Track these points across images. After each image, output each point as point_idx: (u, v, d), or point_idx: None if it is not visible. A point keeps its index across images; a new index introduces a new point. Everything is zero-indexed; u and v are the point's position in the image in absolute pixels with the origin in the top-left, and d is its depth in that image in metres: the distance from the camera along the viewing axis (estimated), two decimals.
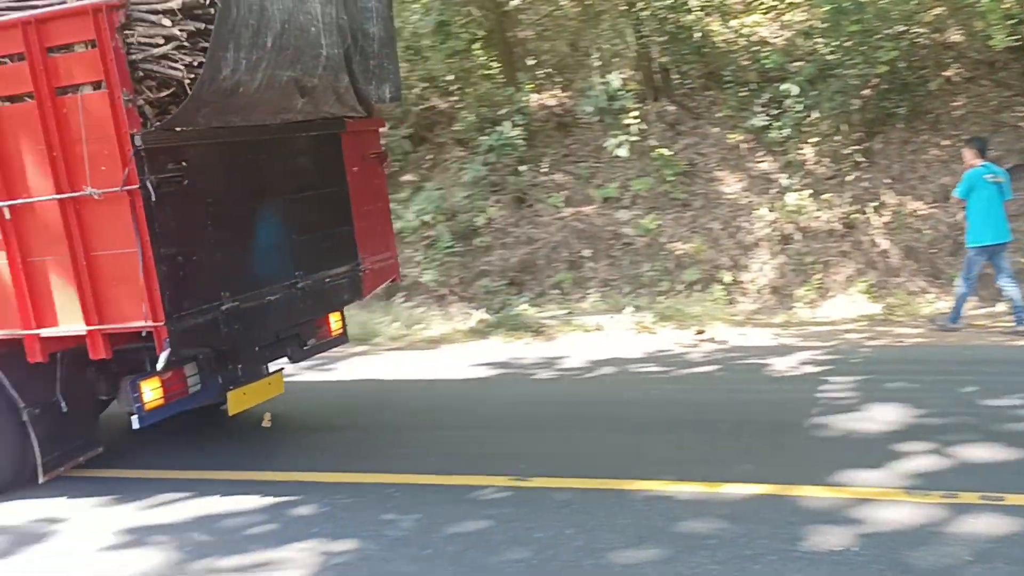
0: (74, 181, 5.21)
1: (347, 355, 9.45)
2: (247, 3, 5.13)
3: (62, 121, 5.19)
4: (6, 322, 5.57)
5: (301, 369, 8.95)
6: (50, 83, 5.17)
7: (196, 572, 4.45)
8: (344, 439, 6.62)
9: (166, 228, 5.19)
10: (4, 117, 5.34)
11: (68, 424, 5.98)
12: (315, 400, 7.87)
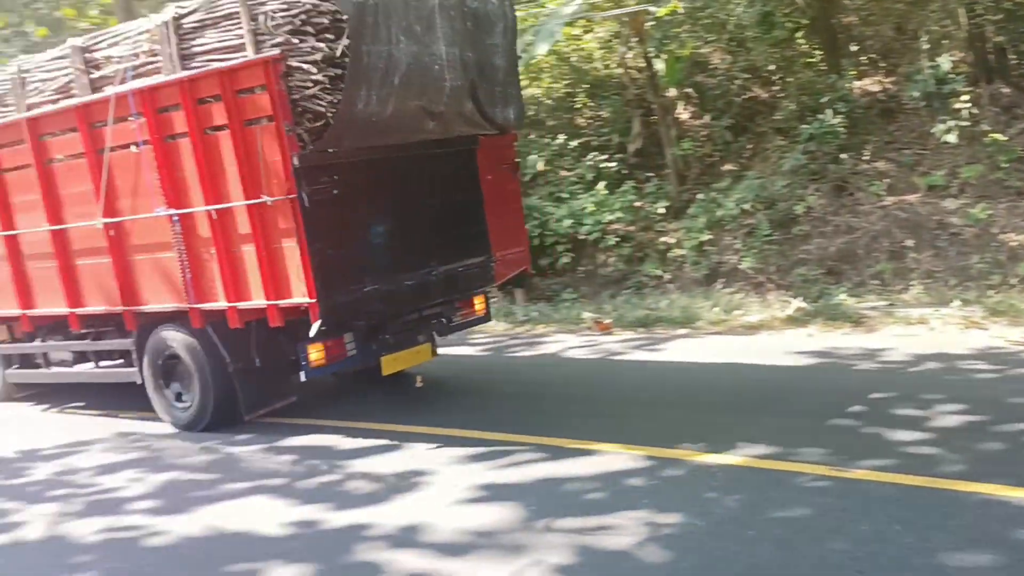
0: (256, 191, 6.80)
1: (671, 337, 9.82)
2: (376, 52, 6.65)
3: (248, 145, 6.82)
4: (214, 297, 7.30)
5: (631, 348, 9.44)
6: (239, 117, 6.82)
7: (539, 529, 4.90)
8: (664, 415, 6.89)
9: (317, 228, 6.71)
10: (210, 142, 7.04)
11: (263, 377, 7.76)
12: (646, 378, 8.24)
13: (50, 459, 7.45)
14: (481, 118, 7.97)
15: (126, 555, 5.22)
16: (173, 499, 6.10)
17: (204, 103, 7.02)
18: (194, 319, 7.50)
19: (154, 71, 7.25)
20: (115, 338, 8.47)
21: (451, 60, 7.35)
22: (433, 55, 7.18)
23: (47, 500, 6.34)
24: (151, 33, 7.21)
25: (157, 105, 7.25)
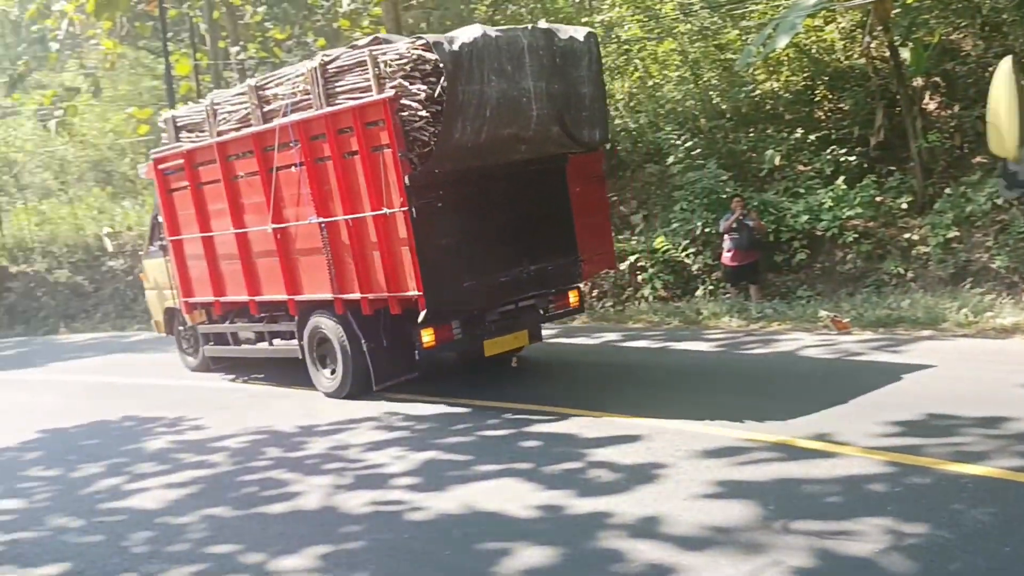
0: (379, 204, 8.45)
1: (914, 338, 9.47)
2: (469, 91, 8.09)
3: (374, 168, 8.47)
4: (352, 289, 9.01)
5: (871, 349, 9.18)
6: (367, 144, 8.48)
7: (776, 530, 4.91)
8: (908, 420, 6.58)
9: (424, 234, 8.27)
10: (348, 165, 8.75)
11: (390, 355, 9.40)
12: (887, 380, 7.91)
13: (325, 435, 8.14)
14: (568, 139, 9.27)
15: (390, 527, 5.65)
16: (432, 477, 6.53)
17: (343, 133, 8.75)
18: (337, 307, 9.36)
19: (307, 106, 9.09)
20: (283, 322, 10.49)
21: (538, 93, 8.70)
22: (522, 89, 8.57)
23: (322, 473, 6.94)
24: (305, 76, 9.07)
25: (309, 134, 9.08)
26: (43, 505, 7.00)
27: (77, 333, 20.75)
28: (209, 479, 7.19)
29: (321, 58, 8.94)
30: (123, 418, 9.96)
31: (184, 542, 5.74)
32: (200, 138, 10.56)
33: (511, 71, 8.47)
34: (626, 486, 5.86)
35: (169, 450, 8.31)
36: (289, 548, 5.41)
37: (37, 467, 8.22)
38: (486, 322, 9.39)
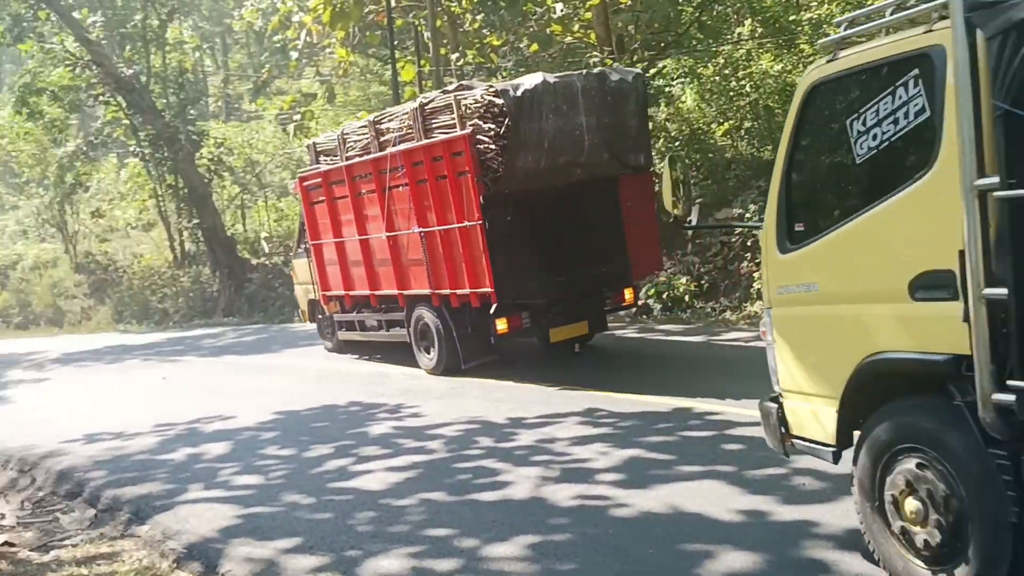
0: (462, 218, 10.48)
1: None
2: (529, 128, 10.04)
3: (458, 189, 10.49)
4: (444, 286, 11.09)
5: None
6: (454, 170, 10.50)
7: None
8: None
9: (495, 243, 10.17)
10: (440, 186, 10.80)
11: (474, 340, 11.33)
12: None
13: (533, 427, 8.34)
14: (618, 164, 11.02)
15: (595, 522, 5.74)
16: (636, 475, 6.58)
17: (436, 160, 10.82)
18: (434, 300, 11.47)
19: (410, 138, 11.24)
20: (395, 312, 12.72)
21: (590, 126, 10.50)
22: (576, 124, 10.42)
23: (530, 464, 7.13)
24: (409, 114, 11.29)
25: (412, 160, 11.19)
26: (278, 482, 7.54)
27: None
28: (426, 464, 7.52)
29: (420, 100, 11.32)
30: (349, 403, 10.56)
31: (403, 524, 6.06)
32: (333, 162, 13.08)
33: (566, 109, 10.38)
34: (832, 496, 5.69)
35: (390, 435, 8.74)
36: (500, 536, 5.61)
37: (273, 446, 8.85)
38: (550, 314, 11.20)
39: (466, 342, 11.43)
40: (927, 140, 3.92)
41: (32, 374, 17.07)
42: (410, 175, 11.23)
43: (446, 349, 11.58)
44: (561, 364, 11.50)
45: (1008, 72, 3.49)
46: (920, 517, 4.07)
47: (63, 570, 6.13)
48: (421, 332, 12.06)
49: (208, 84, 40.45)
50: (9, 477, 9.20)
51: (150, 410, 11.46)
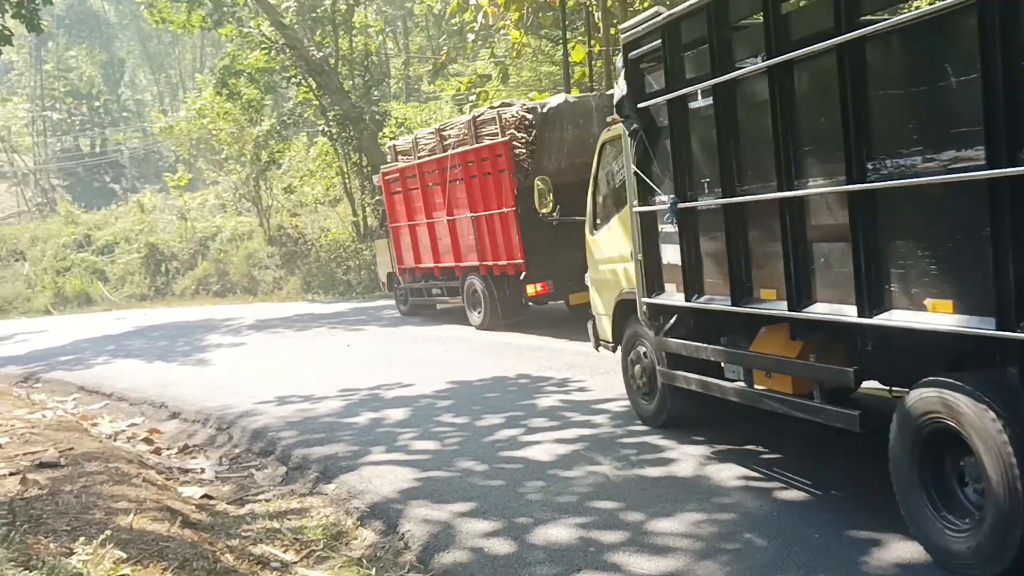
0: (501, 205, 13.90)
1: None
2: (551, 137, 13.22)
3: (498, 184, 13.85)
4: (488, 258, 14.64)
5: None
6: (496, 169, 13.85)
7: None
8: None
9: (526, 225, 13.28)
10: (487, 181, 14.23)
11: (512, 302, 14.69)
12: None
13: None
14: None
15: (760, 503, 5.71)
16: (801, 457, 6.49)
17: (483, 160, 14.19)
18: (482, 270, 14.98)
19: (465, 143, 14.65)
20: (452, 281, 16.20)
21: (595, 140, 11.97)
22: (591, 133, 12.10)
23: (694, 443, 7.10)
24: (465, 124, 14.69)
25: (466, 160, 14.63)
26: (453, 448, 7.82)
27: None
28: (592, 438, 7.62)
29: (474, 114, 14.76)
30: (518, 375, 10.79)
31: (571, 494, 6.19)
32: (408, 160, 16.80)
33: (583, 123, 13.26)
34: None
35: (558, 408, 8.88)
36: (665, 511, 5.65)
37: (448, 414, 9.17)
38: (569, 282, 13.30)
39: (505, 303, 14.79)
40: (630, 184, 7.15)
41: (229, 339, 18.15)
42: (464, 172, 14.76)
43: (490, 309, 15.01)
44: None
45: (637, 150, 6.84)
46: (640, 375, 7.77)
47: (257, 523, 6.58)
48: (471, 296, 15.54)
49: (390, 66, 41.66)
50: (208, 434, 9.88)
51: (336, 375, 12.03)
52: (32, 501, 6.20)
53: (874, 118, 4.53)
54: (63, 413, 11.44)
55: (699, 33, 5.88)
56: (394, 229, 17.75)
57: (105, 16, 74.42)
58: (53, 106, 68.12)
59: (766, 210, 5.41)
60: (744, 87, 5.56)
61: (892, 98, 4.50)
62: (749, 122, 5.58)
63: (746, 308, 5.74)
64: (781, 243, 5.22)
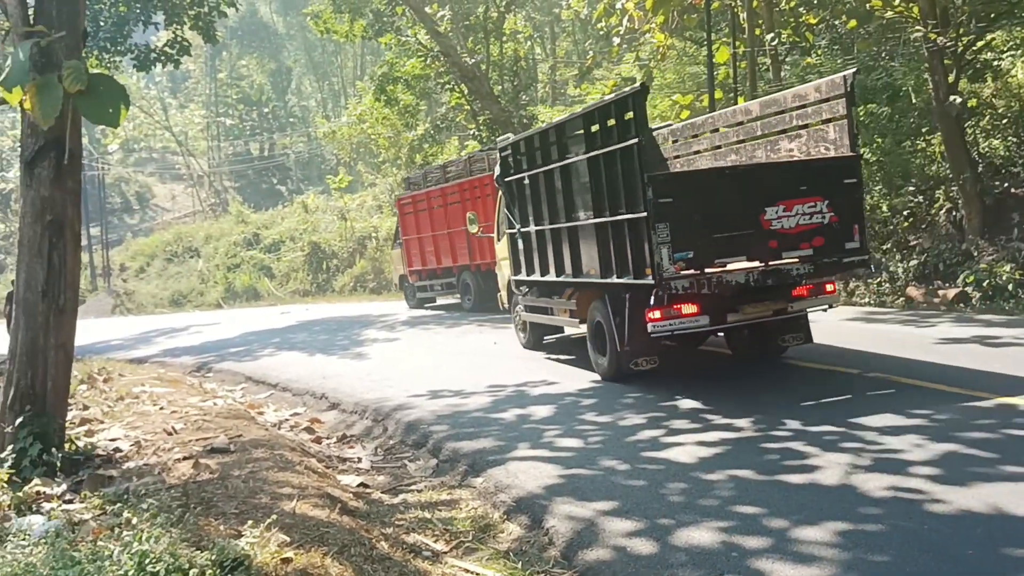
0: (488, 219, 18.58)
1: None
2: None
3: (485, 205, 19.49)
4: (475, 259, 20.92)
5: None
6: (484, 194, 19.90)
7: None
8: None
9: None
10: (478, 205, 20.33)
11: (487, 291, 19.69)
12: None
13: (842, 413, 7.99)
14: None
15: (909, 516, 5.45)
16: (954, 470, 6.17)
17: (475, 188, 20.13)
18: (472, 267, 20.76)
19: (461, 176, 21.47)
20: (450, 277, 21.98)
21: None
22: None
23: (839, 451, 6.87)
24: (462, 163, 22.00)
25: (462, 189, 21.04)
26: (595, 447, 7.82)
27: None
28: (734, 442, 7.48)
29: (469, 156, 21.65)
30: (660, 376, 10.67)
31: (713, 498, 6.10)
32: (418, 189, 24.15)
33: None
34: None
35: (700, 411, 8.75)
36: (809, 519, 5.49)
37: (591, 412, 9.17)
38: None
39: (486, 292, 19.90)
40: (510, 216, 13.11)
41: (384, 334, 18.69)
42: (460, 197, 21.13)
43: (475, 295, 21.13)
44: (871, 349, 10.91)
45: (504, 201, 13.59)
46: (519, 320, 14.31)
47: (409, 512, 6.76)
48: (464, 286, 21.94)
49: (538, 71, 41.94)
50: (365, 426, 10.21)
51: (484, 372, 12.23)
52: (204, 485, 6.57)
53: (575, 195, 10.93)
54: (232, 402, 12.06)
55: (522, 150, 12.57)
56: (406, 241, 24.29)
57: (274, 27, 77.75)
58: (226, 112, 71.75)
59: (554, 232, 11.63)
60: (539, 176, 11.88)
61: (577, 187, 10.86)
62: (543, 191, 11.80)
63: (549, 279, 12.02)
64: (560, 247, 11.51)
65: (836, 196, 9.39)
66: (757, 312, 9.75)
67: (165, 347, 21.31)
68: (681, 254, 9.00)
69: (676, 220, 8.99)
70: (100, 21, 23.74)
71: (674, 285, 9.08)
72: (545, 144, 11.65)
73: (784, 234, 9.31)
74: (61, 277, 7.28)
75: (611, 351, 10.47)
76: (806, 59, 22.26)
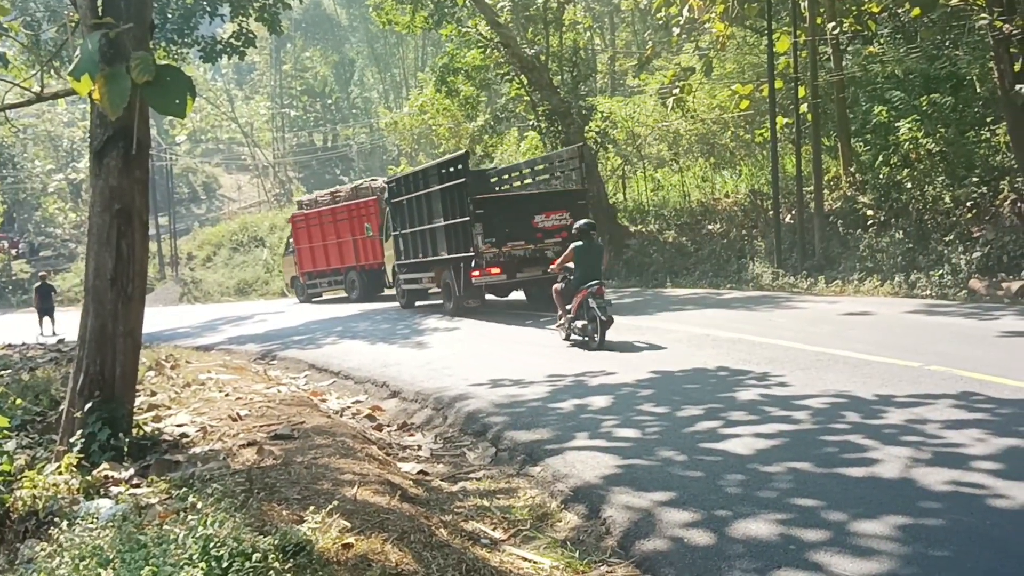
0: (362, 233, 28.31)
1: None
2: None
3: (368, 220, 27.80)
4: (363, 260, 28.63)
5: None
6: (368, 212, 28.12)
7: None
8: None
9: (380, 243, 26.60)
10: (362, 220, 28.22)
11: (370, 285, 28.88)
12: None
13: (902, 406, 7.88)
14: None
15: (971, 510, 5.35)
16: (1018, 466, 6.05)
17: (359, 208, 28.51)
18: (357, 268, 28.57)
19: (349, 199, 29.67)
20: (337, 276, 29.81)
21: None
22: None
23: (900, 444, 6.76)
24: (349, 190, 30.97)
25: (349, 208, 29.06)
26: (653, 437, 7.78)
27: (679, 288, 22.28)
28: (792, 434, 7.40)
29: (355, 184, 31.52)
30: (718, 368, 10.59)
31: (771, 490, 6.03)
32: (311, 208, 31.39)
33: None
34: None
35: (757, 402, 8.66)
36: (868, 513, 5.41)
37: (648, 403, 9.12)
38: None
39: (369, 286, 28.36)
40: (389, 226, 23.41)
41: (445, 323, 18.76)
42: (348, 215, 28.65)
43: (361, 290, 28.76)
44: (933, 342, 10.72)
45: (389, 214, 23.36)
46: (399, 289, 24.32)
47: (468, 501, 6.82)
48: (350, 283, 28.92)
49: (597, 61, 41.72)
50: (427, 415, 10.28)
51: (543, 361, 12.23)
52: (267, 470, 6.70)
53: (432, 209, 20.07)
54: (296, 389, 12.26)
55: (401, 183, 22.11)
56: (299, 249, 31.55)
57: (337, 19, 78.51)
58: (290, 104, 72.69)
59: (418, 235, 20.98)
60: (412, 199, 21.02)
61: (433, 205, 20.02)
62: (414, 207, 20.98)
63: (417, 259, 21.15)
64: (424, 240, 20.68)
65: (573, 209, 18.01)
66: (531, 272, 18.16)
67: (231, 335, 21.75)
68: (488, 240, 17.72)
69: (486, 221, 17.73)
70: (167, 13, 24.23)
71: (485, 257, 17.83)
72: (416, 179, 21.16)
73: (545, 230, 18.15)
74: (129, 265, 7.42)
75: (454, 297, 19.62)
76: (868, 48, 21.82)
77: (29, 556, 5.21)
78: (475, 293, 18.80)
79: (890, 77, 20.62)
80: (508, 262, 17.87)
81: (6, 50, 24.28)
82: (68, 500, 6.14)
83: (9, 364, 14.87)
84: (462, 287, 18.70)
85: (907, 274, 17.61)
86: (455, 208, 18.35)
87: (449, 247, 18.96)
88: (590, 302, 12.85)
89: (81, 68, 5.10)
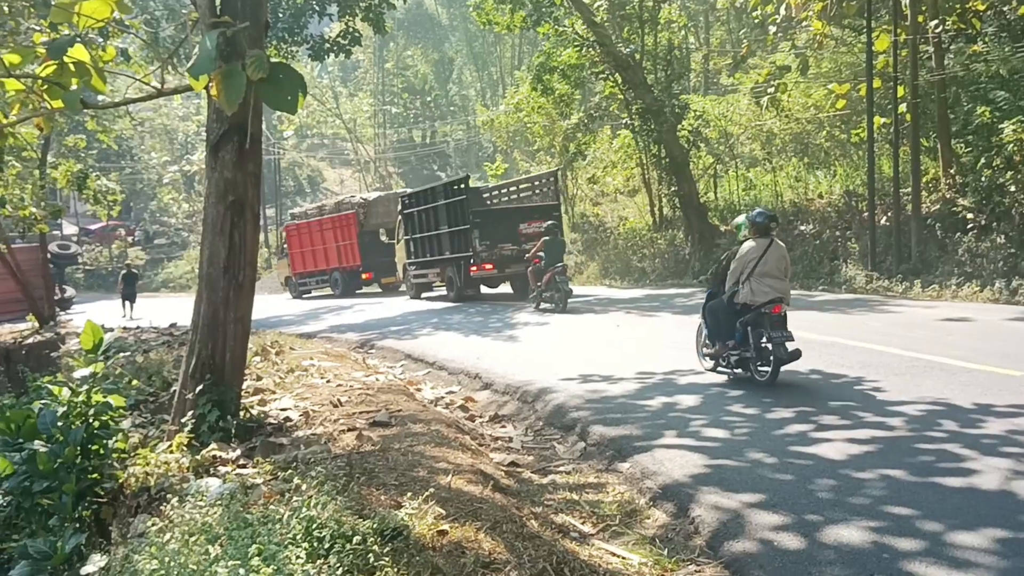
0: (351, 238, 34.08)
1: None
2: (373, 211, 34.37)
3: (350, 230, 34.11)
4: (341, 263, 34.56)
5: None
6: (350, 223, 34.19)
7: None
8: None
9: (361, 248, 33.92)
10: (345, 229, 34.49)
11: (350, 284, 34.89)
12: None
13: (1003, 416, 7.57)
14: None
15: None
16: None
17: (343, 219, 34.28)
18: (340, 269, 34.41)
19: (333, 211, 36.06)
20: (323, 276, 35.58)
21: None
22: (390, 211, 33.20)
23: (1000, 455, 6.49)
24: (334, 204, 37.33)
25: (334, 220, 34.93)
26: (742, 438, 7.64)
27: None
28: (886, 440, 7.17)
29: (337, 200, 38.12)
30: (810, 371, 10.30)
31: (863, 497, 5.86)
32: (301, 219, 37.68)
33: (388, 206, 32.71)
34: None
35: (850, 407, 8.40)
36: (965, 524, 5.21)
37: (738, 404, 8.97)
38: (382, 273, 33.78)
39: (349, 285, 34.03)
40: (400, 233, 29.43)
41: (536, 317, 18.80)
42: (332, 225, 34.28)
43: (342, 287, 34.26)
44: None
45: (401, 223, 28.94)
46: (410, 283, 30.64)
47: (558, 493, 6.81)
48: (334, 281, 34.79)
49: (691, 60, 41.14)
50: (515, 407, 10.31)
51: (633, 358, 12.13)
52: (366, 456, 6.81)
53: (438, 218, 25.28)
54: (393, 378, 12.45)
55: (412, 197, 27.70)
56: (292, 253, 36.99)
57: (438, 19, 79.26)
58: (392, 101, 73.70)
59: (426, 239, 26.17)
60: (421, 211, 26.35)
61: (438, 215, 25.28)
62: (423, 217, 26.23)
63: (425, 259, 26.53)
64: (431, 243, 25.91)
65: (549, 219, 22.16)
66: (516, 268, 22.62)
67: (332, 323, 22.21)
68: (484, 242, 22.67)
69: (481, 228, 22.76)
70: (279, 13, 24.85)
71: (481, 256, 22.76)
72: (424, 196, 26.34)
73: (527, 235, 22.31)
74: (241, 254, 7.64)
75: (456, 288, 24.41)
76: (972, 47, 20.95)
77: (141, 530, 5.41)
78: (473, 284, 24.05)
79: (994, 77, 19.75)
80: (499, 260, 22.88)
81: (127, 46, 25.25)
82: (179, 478, 6.36)
83: (125, 347, 15.48)
84: (463, 280, 23.79)
85: (1008, 280, 16.87)
86: (457, 218, 23.56)
87: (452, 248, 24.11)
88: (557, 279, 18.90)
89: (199, 65, 5.25)
